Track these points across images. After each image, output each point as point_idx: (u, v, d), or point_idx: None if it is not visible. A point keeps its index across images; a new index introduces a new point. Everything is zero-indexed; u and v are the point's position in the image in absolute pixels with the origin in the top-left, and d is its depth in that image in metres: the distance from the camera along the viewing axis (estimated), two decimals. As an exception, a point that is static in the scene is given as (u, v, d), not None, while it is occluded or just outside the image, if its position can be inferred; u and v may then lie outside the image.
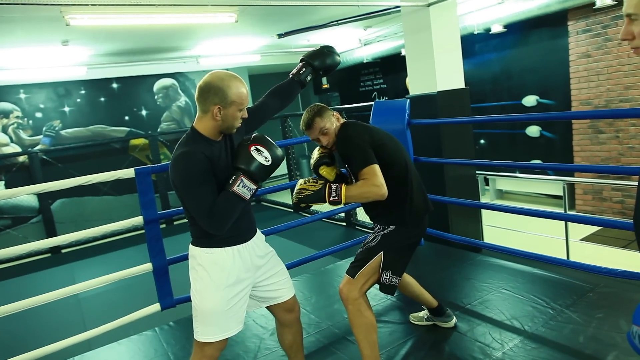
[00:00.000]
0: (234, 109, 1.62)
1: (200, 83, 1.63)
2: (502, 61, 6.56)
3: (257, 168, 1.61)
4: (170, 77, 8.45)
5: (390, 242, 2.01)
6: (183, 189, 1.58)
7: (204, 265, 1.68)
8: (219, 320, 1.69)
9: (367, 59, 8.23)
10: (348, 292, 1.97)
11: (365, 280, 1.99)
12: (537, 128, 6.30)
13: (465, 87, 4.09)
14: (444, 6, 3.84)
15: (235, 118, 1.64)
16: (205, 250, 1.69)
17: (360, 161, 1.89)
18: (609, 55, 5.19)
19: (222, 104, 1.59)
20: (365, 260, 2.01)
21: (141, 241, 6.68)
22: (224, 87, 1.59)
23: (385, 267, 1.99)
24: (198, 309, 1.71)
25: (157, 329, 2.91)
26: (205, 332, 1.70)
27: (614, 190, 5.44)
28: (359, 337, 1.97)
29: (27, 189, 2.41)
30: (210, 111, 1.60)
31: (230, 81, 1.61)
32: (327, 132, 2.05)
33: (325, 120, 2.04)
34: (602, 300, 2.54)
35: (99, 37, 5.38)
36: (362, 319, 1.95)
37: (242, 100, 1.64)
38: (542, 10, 5.19)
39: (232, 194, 1.58)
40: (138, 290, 3.93)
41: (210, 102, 1.59)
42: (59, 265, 6.42)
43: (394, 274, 2.00)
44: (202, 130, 1.64)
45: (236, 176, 1.60)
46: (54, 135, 7.52)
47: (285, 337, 1.97)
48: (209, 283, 1.68)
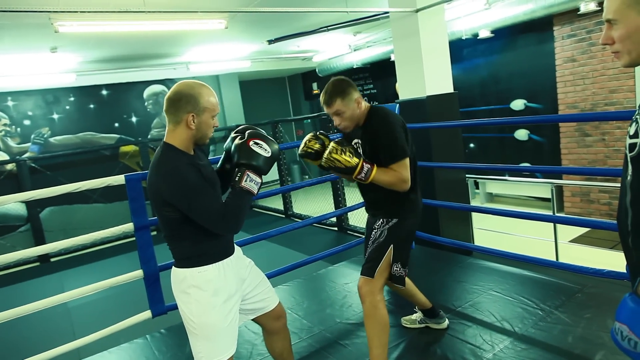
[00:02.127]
0: (207, 116, 1.60)
1: (169, 94, 1.59)
2: (490, 66, 6.64)
3: (261, 161, 1.61)
4: (161, 84, 8.42)
5: (397, 234, 2.05)
6: (187, 201, 1.52)
7: (197, 285, 1.62)
8: (223, 337, 1.64)
9: (357, 64, 8.29)
10: (369, 291, 1.99)
11: (382, 277, 2.03)
12: (526, 132, 6.37)
13: (454, 91, 4.14)
14: (432, 12, 3.89)
15: (208, 126, 1.62)
16: (197, 269, 1.63)
17: (397, 153, 1.93)
18: (593, 60, 5.28)
19: (195, 112, 1.57)
20: (379, 257, 2.03)
21: (131, 249, 6.64)
22: (195, 94, 1.57)
23: (395, 259, 2.03)
24: (199, 331, 1.63)
25: (148, 336, 2.89)
26: (211, 354, 1.63)
27: (601, 192, 5.52)
28: (371, 335, 1.97)
29: (16, 196, 2.39)
30: (184, 120, 1.57)
31: (201, 89, 1.60)
32: (342, 115, 2.01)
33: (345, 102, 1.98)
34: (589, 300, 2.58)
35: (88, 43, 5.36)
36: (379, 317, 1.96)
37: (214, 107, 1.62)
38: (528, 15, 5.27)
39: (241, 189, 1.58)
40: (128, 299, 3.90)
41: (183, 111, 1.56)
42: (48, 274, 6.34)
43: (403, 266, 2.05)
44: (176, 143, 1.59)
45: (241, 172, 1.59)
46: (43, 143, 7.45)
47: (275, 345, 1.95)
48: (206, 301, 1.62)
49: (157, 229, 7.80)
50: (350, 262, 3.79)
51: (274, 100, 11.52)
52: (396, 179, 1.94)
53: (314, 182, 4.06)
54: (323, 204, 7.53)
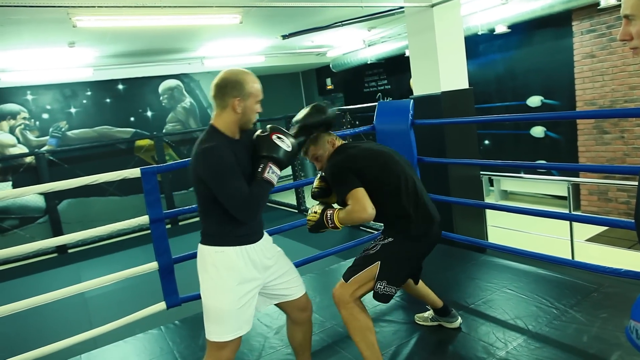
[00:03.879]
0: (252, 101, 1.70)
1: (216, 80, 1.69)
2: (507, 62, 6.55)
3: (282, 154, 1.70)
4: (175, 79, 8.50)
5: (388, 253, 1.99)
6: (216, 181, 1.60)
7: (215, 264, 1.70)
8: (231, 319, 1.70)
9: (372, 59, 8.24)
10: (340, 296, 1.98)
11: (358, 287, 1.98)
12: (542, 129, 6.28)
13: (469, 87, 4.10)
14: (447, 7, 3.85)
15: (253, 111, 1.71)
16: (215, 248, 1.70)
17: (342, 189, 1.93)
18: (613, 56, 5.18)
19: (240, 96, 1.66)
20: (362, 267, 2.00)
21: (146, 241, 6.73)
22: (240, 80, 1.67)
23: (381, 277, 1.97)
24: (209, 309, 1.71)
25: (162, 327, 2.93)
26: (218, 332, 1.70)
27: (619, 191, 5.42)
28: (356, 340, 1.97)
29: (34, 188, 2.44)
30: (230, 105, 1.67)
31: (246, 75, 1.70)
32: (320, 159, 2.12)
33: (318, 147, 2.11)
34: (606, 300, 2.54)
35: (104, 38, 5.43)
36: (356, 322, 1.95)
37: (258, 93, 1.72)
38: (546, 10, 5.19)
39: (263, 180, 1.66)
40: (143, 290, 3.96)
41: (229, 96, 1.66)
42: (65, 265, 6.48)
43: (389, 284, 1.97)
44: (221, 127, 1.69)
45: (264, 164, 1.68)
46: (61, 136, 7.59)
47: (296, 335, 1.99)
48: (220, 282, 1.69)
49: (172, 222, 7.90)
50: (363, 258, 3.78)
51: (287, 96, 11.53)
52: (350, 212, 1.89)
53: None
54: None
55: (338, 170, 1.98)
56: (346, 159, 2.02)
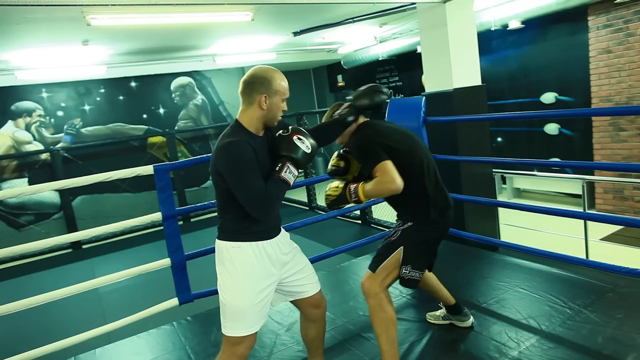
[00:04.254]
0: (278, 99, 1.73)
1: (245, 77, 1.72)
2: (520, 58, 6.46)
3: (301, 155, 1.72)
4: (187, 76, 8.55)
5: (410, 237, 2.03)
6: (234, 176, 1.62)
7: (231, 259, 1.72)
8: (247, 315, 1.71)
9: (383, 56, 8.19)
10: (369, 286, 2.00)
11: (386, 275, 2.01)
12: (556, 126, 6.19)
13: (482, 84, 4.05)
14: (460, 2, 3.81)
15: (279, 108, 1.74)
16: (232, 244, 1.73)
17: (370, 161, 1.93)
18: (630, 51, 5.07)
19: (267, 93, 1.69)
20: (386, 255, 2.03)
21: (159, 238, 6.78)
22: (268, 77, 1.70)
23: (405, 261, 2.01)
24: (226, 304, 1.73)
25: (175, 323, 2.97)
26: (233, 327, 1.72)
27: (635, 189, 5.32)
28: (378, 332, 1.98)
29: (50, 185, 2.47)
30: (257, 101, 1.69)
31: (274, 73, 1.74)
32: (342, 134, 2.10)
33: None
34: (621, 300, 2.50)
35: (118, 36, 5.47)
36: (382, 313, 1.96)
37: (285, 91, 1.75)
38: (562, 5, 5.09)
39: (280, 179, 1.68)
40: (156, 285, 4.00)
41: (256, 92, 1.69)
42: (80, 261, 6.57)
43: (414, 269, 2.01)
44: (245, 123, 1.72)
45: (282, 163, 1.70)
46: (75, 133, 7.69)
47: (309, 332, 2.01)
48: (237, 277, 1.71)
49: (184, 219, 7.97)
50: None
51: (298, 92, 11.53)
52: (379, 184, 1.90)
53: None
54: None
55: (367, 143, 1.98)
56: (376, 134, 2.03)
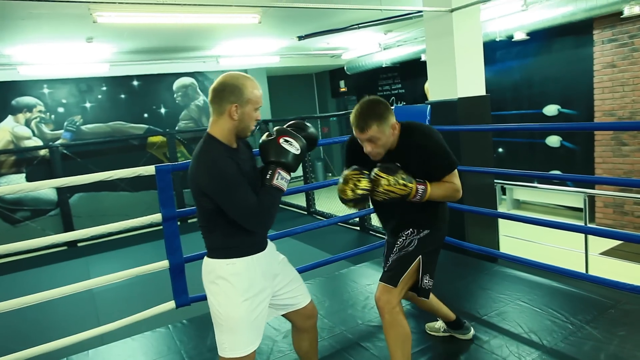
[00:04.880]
0: (250, 108, 1.61)
1: (214, 85, 1.61)
2: (524, 69, 6.47)
3: (291, 158, 1.63)
4: (190, 77, 8.53)
5: (427, 245, 1.98)
6: (222, 193, 1.53)
7: (225, 277, 1.63)
8: (247, 332, 1.65)
9: (387, 63, 8.20)
10: (387, 301, 1.88)
11: (403, 287, 1.94)
12: (558, 138, 6.19)
13: (486, 94, 4.05)
14: (467, 12, 3.80)
15: (251, 118, 1.63)
16: (225, 261, 1.64)
17: (448, 165, 1.90)
18: (635, 66, 5.08)
19: (238, 102, 1.58)
20: (405, 266, 1.94)
21: (155, 238, 6.72)
22: (239, 85, 1.59)
23: (425, 270, 1.96)
24: (223, 324, 1.64)
25: (170, 326, 2.92)
26: (234, 346, 1.64)
27: (636, 205, 5.31)
28: (394, 348, 1.88)
29: (50, 182, 2.44)
30: (227, 111, 1.59)
31: (245, 80, 1.62)
32: (377, 142, 1.84)
33: (382, 129, 1.81)
34: (624, 317, 2.47)
35: (122, 35, 5.46)
36: (400, 329, 1.88)
37: (258, 99, 1.63)
38: (567, 18, 5.10)
39: (272, 187, 1.60)
40: (151, 286, 3.96)
41: (226, 101, 1.58)
42: (75, 259, 6.52)
43: (431, 277, 1.98)
44: (218, 135, 1.61)
45: (272, 170, 1.61)
46: (75, 130, 7.65)
47: (302, 343, 1.95)
48: (234, 294, 1.63)
49: (180, 220, 7.93)
50: (373, 263, 3.75)
51: (300, 97, 11.53)
52: (452, 190, 1.90)
53: (335, 182, 4.00)
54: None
55: (445, 145, 1.92)
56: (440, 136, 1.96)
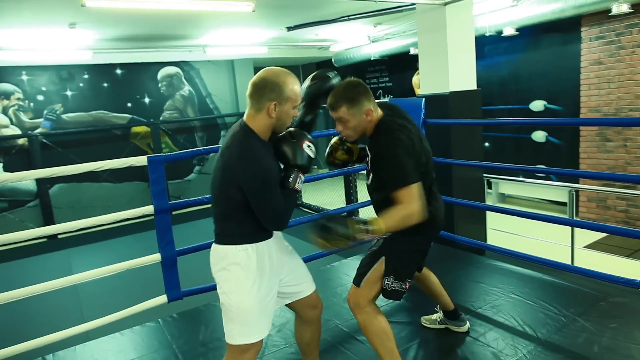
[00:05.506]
0: (289, 106, 1.61)
1: (255, 79, 1.61)
2: (512, 64, 6.52)
3: (309, 162, 1.68)
4: (175, 66, 8.36)
5: (392, 247, 1.92)
6: (259, 193, 1.54)
7: (238, 263, 1.63)
8: (257, 319, 1.65)
9: (375, 56, 8.17)
10: (355, 301, 1.92)
11: (371, 287, 1.92)
12: (544, 133, 6.27)
13: (477, 88, 4.06)
14: (460, 6, 3.80)
15: (289, 115, 1.64)
16: (237, 247, 1.64)
17: (393, 180, 1.71)
18: (621, 64, 5.16)
19: (278, 100, 1.58)
20: (369, 267, 1.93)
21: (138, 230, 6.58)
22: (280, 82, 1.58)
23: (387, 272, 1.90)
24: (234, 310, 1.63)
25: (160, 320, 2.86)
26: (244, 334, 1.63)
27: (618, 199, 5.43)
28: (375, 345, 1.90)
29: (34, 173, 2.35)
30: (266, 108, 1.58)
31: (286, 77, 1.60)
32: (346, 124, 1.81)
33: (352, 112, 1.77)
34: (614, 310, 2.51)
35: (107, 20, 5.28)
36: (373, 327, 1.89)
37: (297, 98, 1.64)
38: (557, 14, 5.14)
39: (294, 191, 1.64)
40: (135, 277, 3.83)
41: (266, 98, 1.57)
42: (55, 251, 6.36)
43: (396, 280, 1.89)
44: (256, 129, 1.61)
45: (295, 174, 1.65)
46: (55, 119, 7.43)
47: (305, 334, 1.94)
48: (245, 281, 1.62)
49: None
50: (365, 257, 3.74)
51: (287, 89, 11.41)
52: (404, 214, 1.66)
53: (326, 175, 3.94)
54: (332, 195, 7.49)
55: (397, 154, 1.71)
56: (409, 143, 1.76)
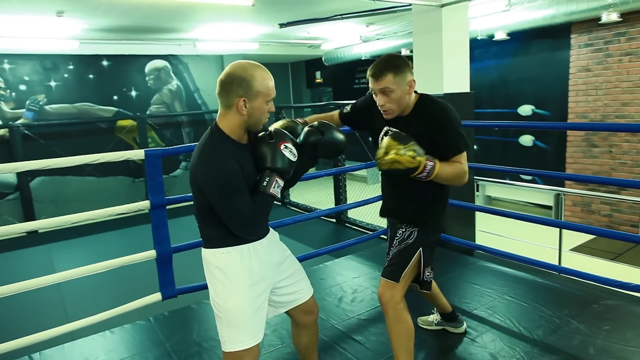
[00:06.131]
0: (261, 101, 1.50)
1: (221, 76, 1.50)
2: (501, 69, 6.60)
3: (288, 165, 1.56)
4: (164, 59, 8.21)
5: (427, 237, 1.94)
6: (219, 199, 1.46)
7: (220, 267, 1.56)
8: (248, 323, 1.57)
9: (366, 56, 8.17)
10: (390, 297, 1.86)
11: (406, 282, 1.92)
12: (531, 137, 6.36)
13: (470, 91, 4.08)
14: (456, 8, 3.81)
15: (262, 111, 1.52)
16: (220, 250, 1.57)
17: (458, 145, 1.80)
18: (608, 71, 5.27)
19: (247, 96, 1.47)
20: (406, 260, 1.90)
21: (122, 226, 6.42)
22: (247, 77, 1.47)
23: (426, 263, 1.93)
24: (222, 316, 1.57)
25: (151, 318, 2.79)
26: (236, 339, 1.56)
27: (602, 204, 5.55)
28: (397, 344, 1.87)
29: (25, 164, 2.25)
30: (235, 105, 1.48)
31: (255, 71, 1.49)
32: (390, 95, 1.77)
33: (397, 80, 1.74)
34: (606, 312, 2.55)
35: (96, 10, 5.15)
36: (404, 324, 1.86)
37: (269, 91, 1.52)
38: (548, 21, 5.22)
39: (268, 195, 1.52)
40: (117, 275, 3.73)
41: (234, 95, 1.47)
42: (36, 246, 6.16)
43: (432, 269, 1.97)
44: (226, 129, 1.51)
45: (270, 177, 1.52)
46: (38, 110, 7.22)
47: (302, 339, 1.88)
48: (230, 285, 1.56)
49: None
50: (358, 256, 3.73)
51: (275, 86, 11.33)
52: (461, 171, 1.79)
53: (315, 175, 3.88)
54: (321, 194, 7.45)
55: (459, 123, 1.81)
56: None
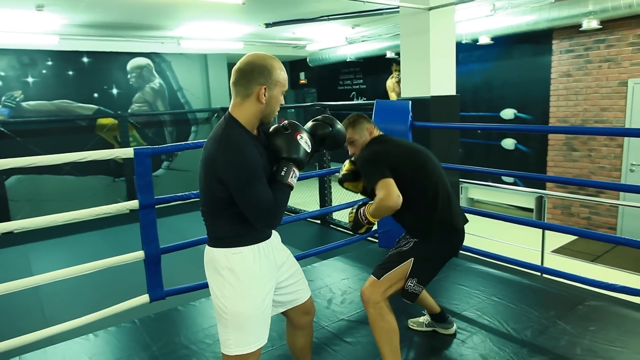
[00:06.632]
0: (278, 91, 1.53)
1: (240, 65, 1.50)
2: (484, 73, 6.70)
3: (304, 155, 1.57)
4: (146, 57, 8.06)
5: (423, 250, 1.99)
6: (241, 187, 1.43)
7: (231, 268, 1.52)
8: (254, 326, 1.55)
9: (351, 57, 8.19)
10: (370, 295, 1.93)
11: (390, 285, 1.96)
12: (513, 141, 6.47)
13: (456, 94, 4.13)
14: (444, 11, 3.86)
15: (277, 101, 1.55)
16: (231, 250, 1.53)
17: (371, 179, 1.91)
18: (588, 77, 5.40)
19: (267, 84, 1.49)
20: (395, 264, 1.98)
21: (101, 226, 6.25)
22: (268, 66, 1.49)
23: (413, 274, 1.97)
24: (230, 318, 1.53)
25: (136, 321, 2.73)
26: (242, 342, 1.53)
27: (582, 207, 5.68)
28: (380, 342, 1.92)
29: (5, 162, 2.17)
30: (255, 93, 1.48)
31: (273, 61, 1.52)
32: (355, 144, 2.12)
33: (356, 132, 2.11)
34: (592, 313, 2.60)
35: (78, 5, 5.02)
36: (384, 323, 1.91)
37: (285, 82, 1.55)
38: (531, 26, 5.33)
39: (286, 185, 1.52)
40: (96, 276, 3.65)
41: (255, 83, 1.48)
42: (11, 246, 5.96)
43: (418, 283, 1.97)
44: (242, 119, 1.51)
45: (288, 167, 1.53)
46: (14, 107, 7.00)
47: (297, 340, 1.87)
48: (240, 286, 1.52)
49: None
50: (345, 257, 3.72)
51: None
52: (379, 202, 1.85)
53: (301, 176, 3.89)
54: (305, 195, 7.43)
55: (373, 159, 1.96)
56: (383, 152, 2.01)
